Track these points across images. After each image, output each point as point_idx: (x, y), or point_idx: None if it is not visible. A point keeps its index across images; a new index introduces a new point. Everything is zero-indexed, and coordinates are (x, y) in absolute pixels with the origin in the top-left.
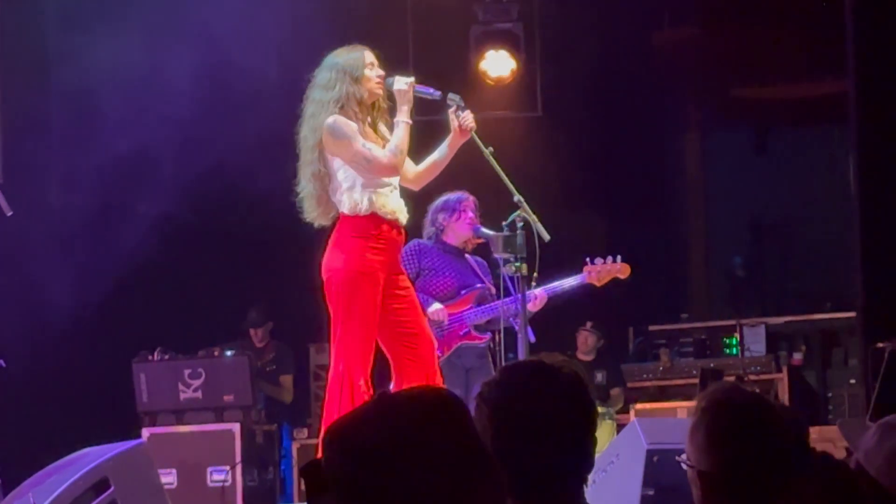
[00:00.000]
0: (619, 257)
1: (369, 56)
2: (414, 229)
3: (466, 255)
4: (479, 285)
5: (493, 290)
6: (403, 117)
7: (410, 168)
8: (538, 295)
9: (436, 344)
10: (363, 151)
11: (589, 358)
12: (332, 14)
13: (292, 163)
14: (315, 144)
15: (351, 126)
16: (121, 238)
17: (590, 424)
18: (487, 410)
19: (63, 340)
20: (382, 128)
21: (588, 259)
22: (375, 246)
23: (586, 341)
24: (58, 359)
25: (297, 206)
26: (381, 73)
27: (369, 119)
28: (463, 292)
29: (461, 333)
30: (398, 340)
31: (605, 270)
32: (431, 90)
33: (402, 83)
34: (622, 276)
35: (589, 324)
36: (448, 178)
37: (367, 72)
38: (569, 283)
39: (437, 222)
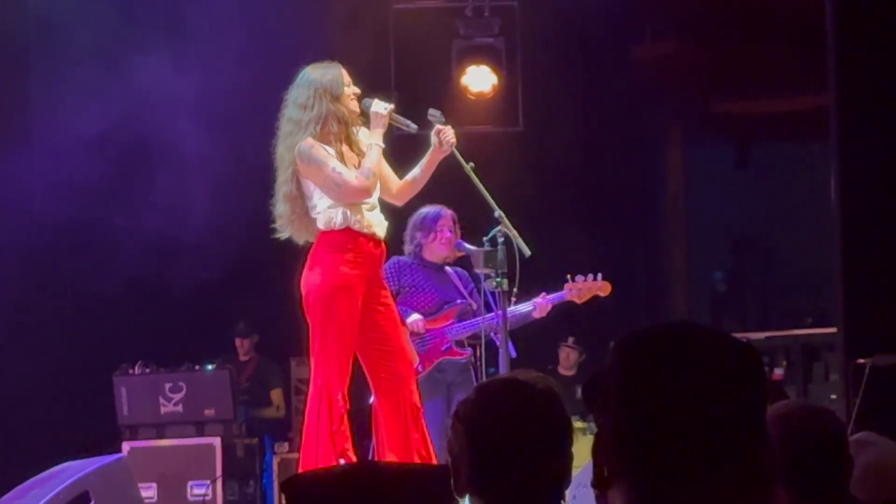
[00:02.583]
0: (599, 275)
1: (346, 74)
2: (394, 243)
3: (447, 269)
4: (459, 301)
5: (475, 306)
6: (376, 140)
7: (393, 184)
8: (544, 304)
9: (416, 361)
10: (333, 176)
11: (571, 373)
12: (312, 29)
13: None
14: (289, 164)
15: (322, 151)
16: (103, 252)
17: (565, 439)
18: (463, 429)
19: (44, 353)
20: (362, 136)
21: (569, 276)
22: (353, 260)
23: (568, 357)
24: (38, 372)
25: (272, 222)
26: (357, 90)
27: (347, 134)
28: (444, 308)
29: (442, 349)
30: (376, 357)
31: (587, 288)
32: (409, 122)
33: (380, 107)
34: (603, 294)
35: (570, 339)
36: (428, 194)
37: (346, 89)
38: (556, 297)
39: (416, 241)
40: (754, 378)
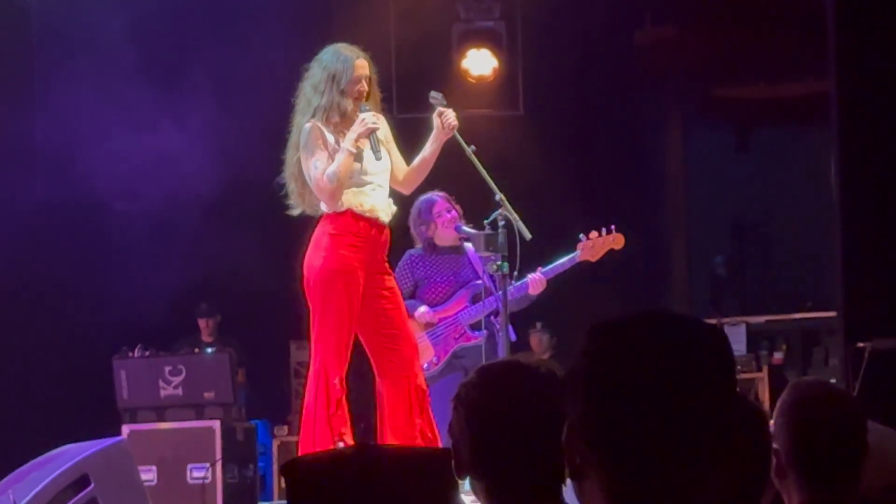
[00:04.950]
0: (612, 227)
1: (360, 68)
2: (402, 230)
3: (466, 246)
4: (470, 284)
5: (488, 284)
6: (348, 145)
7: (400, 171)
8: (537, 278)
9: (431, 354)
10: (311, 169)
11: (546, 357)
12: (312, 12)
13: (276, 157)
14: (294, 143)
15: (317, 141)
16: (102, 234)
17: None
18: (465, 411)
19: (43, 336)
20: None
21: (582, 235)
22: (354, 244)
23: (540, 342)
24: (38, 355)
25: (282, 197)
26: (365, 89)
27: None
28: (457, 293)
29: (456, 336)
30: (380, 341)
31: (600, 244)
32: (379, 149)
33: (368, 118)
34: (617, 247)
35: (538, 324)
36: (430, 177)
37: (351, 87)
38: (564, 263)
39: (423, 235)
40: (723, 364)
